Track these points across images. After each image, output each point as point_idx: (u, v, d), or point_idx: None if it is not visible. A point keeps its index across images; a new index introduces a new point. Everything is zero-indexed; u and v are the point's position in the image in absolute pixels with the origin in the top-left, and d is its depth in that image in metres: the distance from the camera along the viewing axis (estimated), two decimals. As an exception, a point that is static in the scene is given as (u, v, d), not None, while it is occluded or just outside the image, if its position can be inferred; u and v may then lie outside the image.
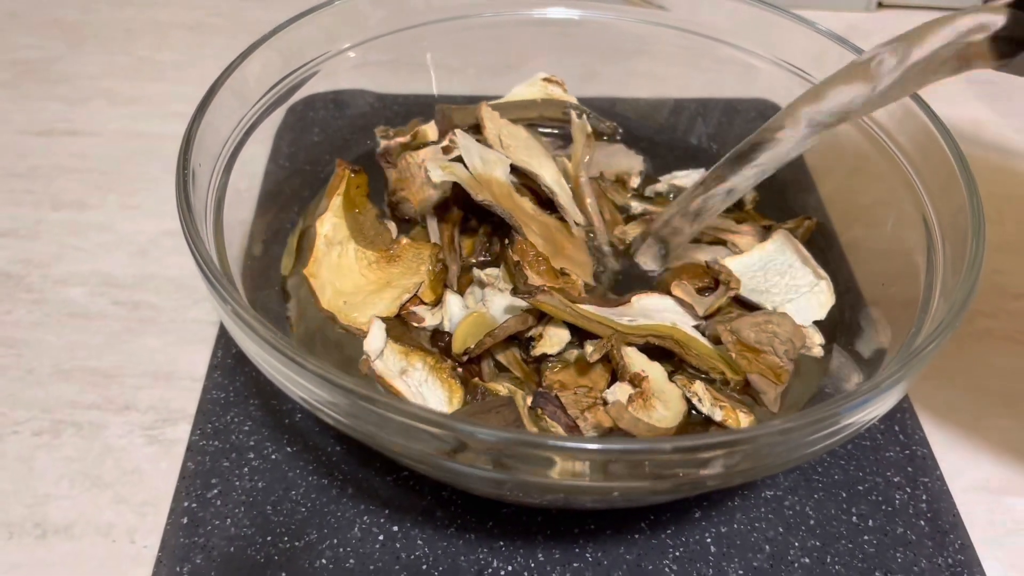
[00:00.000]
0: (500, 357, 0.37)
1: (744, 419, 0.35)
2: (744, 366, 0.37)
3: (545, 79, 0.49)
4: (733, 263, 0.41)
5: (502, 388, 0.34)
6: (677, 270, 0.42)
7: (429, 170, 0.38)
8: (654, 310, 0.38)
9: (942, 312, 0.32)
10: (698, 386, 0.36)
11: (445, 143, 0.43)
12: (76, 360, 0.44)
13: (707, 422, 0.36)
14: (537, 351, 0.37)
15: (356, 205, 0.41)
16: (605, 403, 0.35)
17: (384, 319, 0.37)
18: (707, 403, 0.36)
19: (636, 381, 0.35)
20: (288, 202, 0.44)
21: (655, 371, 0.36)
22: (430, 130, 0.45)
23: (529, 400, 0.35)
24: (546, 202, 0.43)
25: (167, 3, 0.74)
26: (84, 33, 0.69)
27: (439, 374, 0.36)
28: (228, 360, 0.42)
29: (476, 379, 0.36)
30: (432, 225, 0.40)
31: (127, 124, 0.60)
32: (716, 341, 0.38)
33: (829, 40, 0.44)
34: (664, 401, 0.35)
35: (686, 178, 0.48)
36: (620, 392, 0.35)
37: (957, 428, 0.43)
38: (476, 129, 0.44)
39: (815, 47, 0.45)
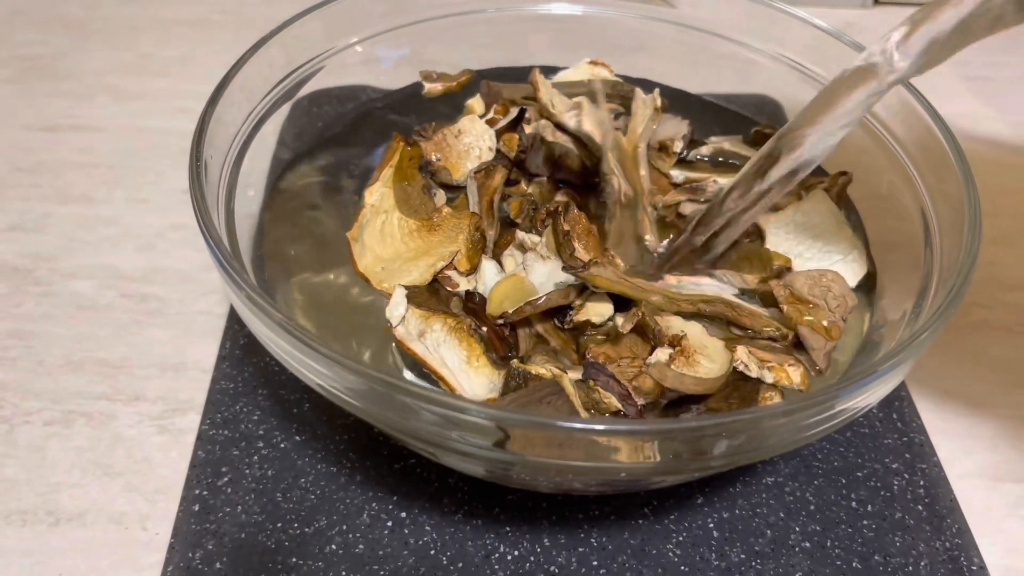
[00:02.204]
0: (538, 327, 0.37)
1: (795, 375, 0.34)
2: (795, 318, 0.36)
3: (591, 62, 0.49)
4: (767, 222, 0.41)
5: (544, 370, 0.33)
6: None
7: (565, 112, 0.38)
8: (693, 284, 0.38)
9: (939, 301, 0.33)
10: (741, 352, 0.35)
11: (490, 116, 0.43)
12: (85, 351, 0.44)
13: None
14: (580, 317, 0.36)
15: (407, 177, 0.41)
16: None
17: (415, 287, 0.37)
18: (754, 367, 0.34)
19: (675, 342, 0.34)
20: (295, 195, 0.44)
21: (693, 329, 0.35)
22: (476, 104, 0.45)
23: (574, 376, 0.34)
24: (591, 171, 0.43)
25: (170, 0, 0.74)
26: (88, 30, 0.70)
27: (457, 334, 0.35)
28: (236, 351, 0.43)
29: (515, 360, 0.35)
30: (472, 192, 0.40)
31: (132, 119, 0.60)
32: (765, 306, 0.38)
33: (828, 35, 0.45)
34: (708, 355, 0.34)
35: (725, 141, 0.47)
36: (660, 354, 0.34)
37: (954, 416, 0.43)
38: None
39: (814, 42, 0.46)
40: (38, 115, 0.60)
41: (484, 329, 0.36)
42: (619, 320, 0.36)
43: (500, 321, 0.36)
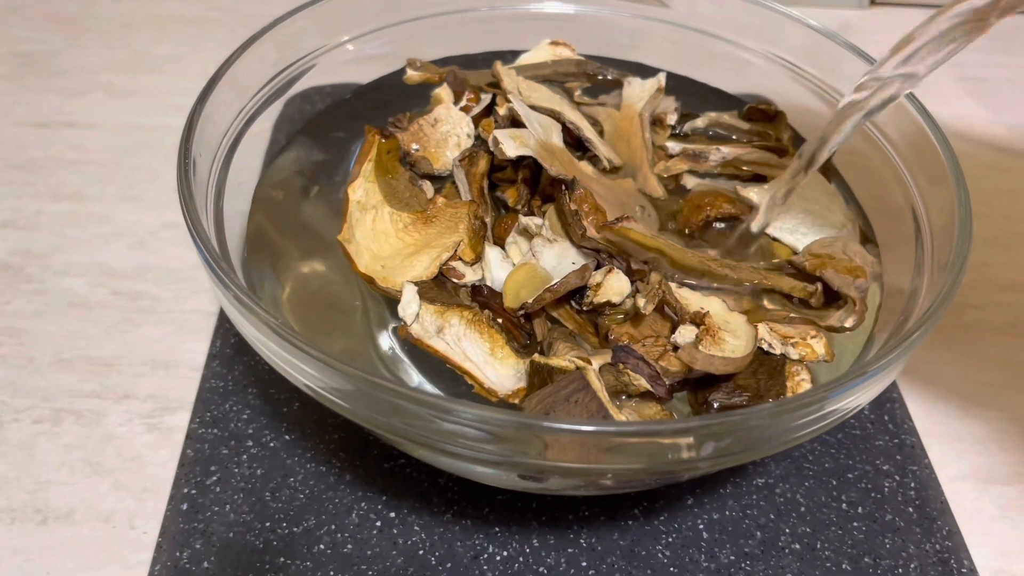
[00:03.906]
0: (553, 312, 0.36)
1: (818, 347, 0.34)
2: (817, 265, 0.35)
3: (552, 43, 0.49)
4: (756, 193, 0.40)
5: (566, 362, 0.32)
6: (698, 195, 0.40)
7: (501, 142, 0.37)
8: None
9: (929, 302, 0.33)
10: (762, 330, 0.34)
11: (464, 103, 0.43)
12: (76, 349, 0.44)
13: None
14: (599, 299, 0.35)
15: (388, 170, 0.41)
16: (676, 348, 0.33)
17: (423, 281, 0.37)
18: (777, 344, 0.34)
19: (698, 319, 0.34)
20: (285, 191, 0.44)
21: (714, 305, 0.35)
22: (444, 92, 0.45)
23: (599, 363, 0.33)
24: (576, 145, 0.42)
25: (165, -3, 0.74)
26: (83, 26, 0.70)
27: (477, 326, 0.35)
28: (227, 349, 0.43)
29: (536, 355, 0.34)
30: (461, 180, 0.40)
31: (126, 117, 0.60)
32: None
33: (823, 36, 0.45)
34: (732, 331, 0.34)
35: (721, 115, 0.47)
36: (686, 333, 0.33)
37: (945, 418, 0.43)
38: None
39: (809, 42, 0.46)
40: (31, 111, 0.60)
41: (500, 320, 0.35)
42: (640, 301, 0.34)
43: (521, 312, 0.35)
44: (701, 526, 0.37)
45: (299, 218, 0.40)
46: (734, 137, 0.45)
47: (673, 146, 0.44)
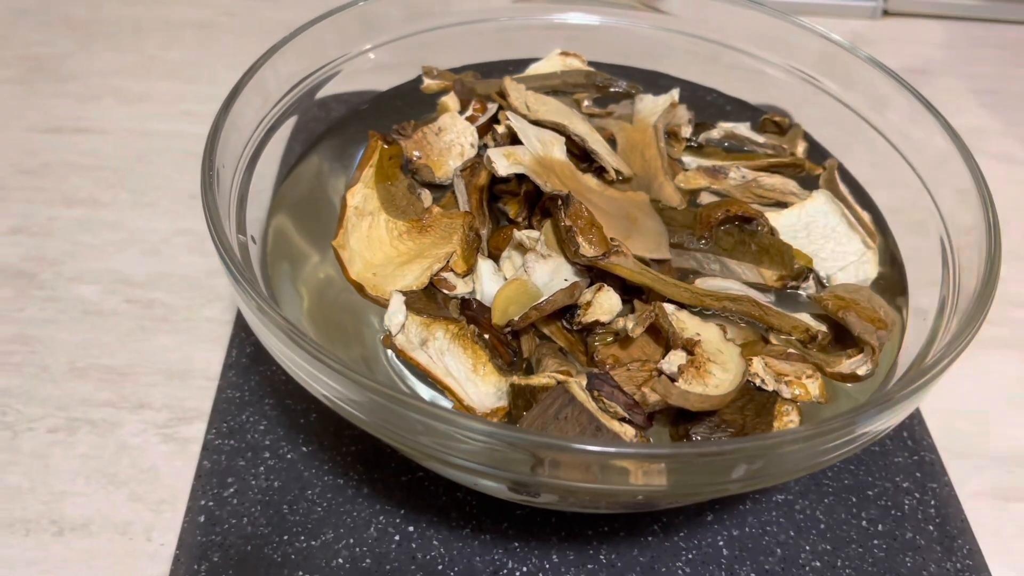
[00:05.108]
0: (544, 329, 0.35)
1: (813, 387, 0.33)
2: (840, 306, 0.34)
3: (562, 53, 0.49)
4: (773, 219, 0.40)
5: (546, 378, 0.31)
6: (711, 206, 0.39)
7: (493, 160, 0.37)
8: (720, 289, 0.37)
9: (955, 325, 0.32)
10: (757, 365, 0.33)
11: (469, 113, 0.43)
12: (90, 358, 0.44)
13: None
14: (587, 318, 0.34)
15: (389, 176, 0.40)
16: (661, 374, 0.32)
17: (412, 292, 0.36)
18: (770, 381, 0.33)
19: (689, 346, 0.33)
20: (303, 197, 0.44)
21: (710, 332, 0.34)
22: (451, 101, 0.45)
23: (584, 381, 0.32)
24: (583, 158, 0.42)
25: (177, 1, 0.74)
26: (94, 31, 0.70)
27: (461, 341, 0.34)
28: (243, 359, 0.43)
29: (516, 376, 0.33)
30: (460, 191, 0.39)
31: (137, 122, 0.60)
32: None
33: (840, 47, 0.45)
34: (722, 363, 0.33)
35: (736, 127, 0.46)
36: (676, 360, 0.32)
37: (964, 435, 0.43)
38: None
39: (826, 53, 0.46)
40: (42, 117, 0.60)
41: (487, 336, 0.35)
42: (629, 324, 0.34)
43: (508, 330, 0.35)
44: (721, 543, 0.37)
45: (317, 226, 0.40)
46: (746, 148, 0.45)
47: (689, 161, 0.44)
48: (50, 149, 0.57)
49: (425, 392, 0.34)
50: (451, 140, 0.42)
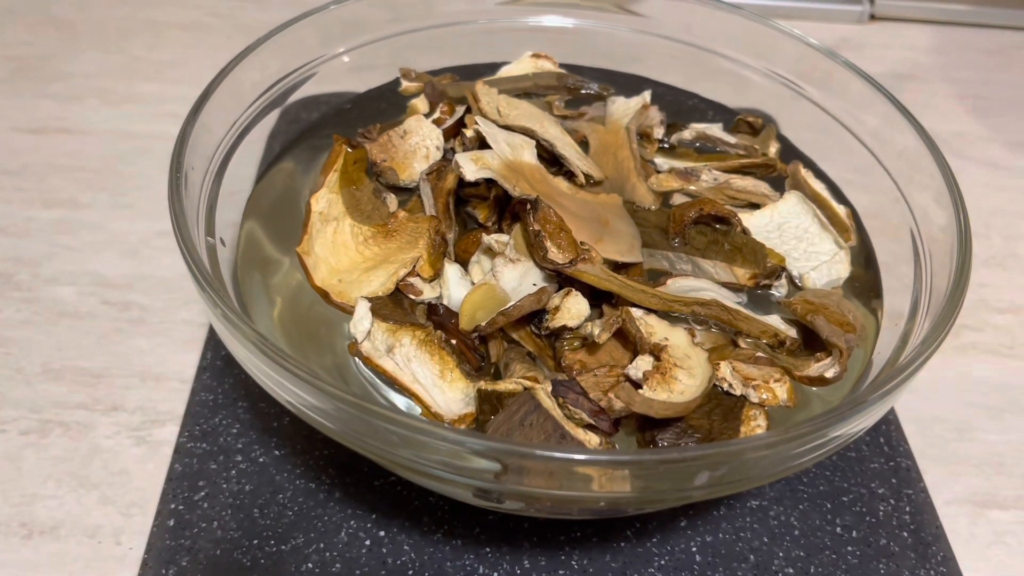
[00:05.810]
0: (512, 334, 0.35)
1: (781, 392, 0.33)
2: (809, 310, 0.34)
3: (534, 55, 0.49)
4: (746, 220, 0.39)
5: (513, 384, 0.31)
6: (684, 206, 0.38)
7: (461, 165, 0.36)
8: (691, 290, 0.36)
9: (927, 327, 0.32)
10: (724, 370, 0.33)
11: (436, 116, 0.42)
12: (65, 360, 0.44)
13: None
14: (555, 323, 0.34)
15: (353, 181, 0.40)
16: (628, 379, 0.32)
17: (378, 297, 0.36)
18: (738, 386, 0.33)
19: (656, 351, 0.33)
20: (278, 205, 0.44)
21: (678, 337, 0.34)
22: (420, 103, 0.44)
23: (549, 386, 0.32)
24: (553, 162, 0.41)
25: (163, 2, 0.74)
26: (79, 31, 0.69)
27: (428, 347, 0.34)
28: (217, 362, 0.42)
29: (482, 382, 0.33)
30: (426, 195, 0.39)
31: (120, 123, 0.60)
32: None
33: (820, 53, 0.45)
34: (688, 368, 0.32)
35: (707, 129, 0.46)
36: (643, 365, 0.32)
37: (941, 440, 0.43)
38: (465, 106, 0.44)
39: (808, 59, 0.46)
40: (25, 117, 0.60)
41: (454, 342, 0.34)
42: (595, 329, 0.34)
43: (475, 335, 0.34)
44: (694, 549, 0.37)
45: (289, 230, 0.39)
46: (718, 149, 0.45)
47: (661, 162, 0.44)
48: (32, 149, 0.57)
49: (400, 401, 0.33)
50: (416, 143, 0.42)
